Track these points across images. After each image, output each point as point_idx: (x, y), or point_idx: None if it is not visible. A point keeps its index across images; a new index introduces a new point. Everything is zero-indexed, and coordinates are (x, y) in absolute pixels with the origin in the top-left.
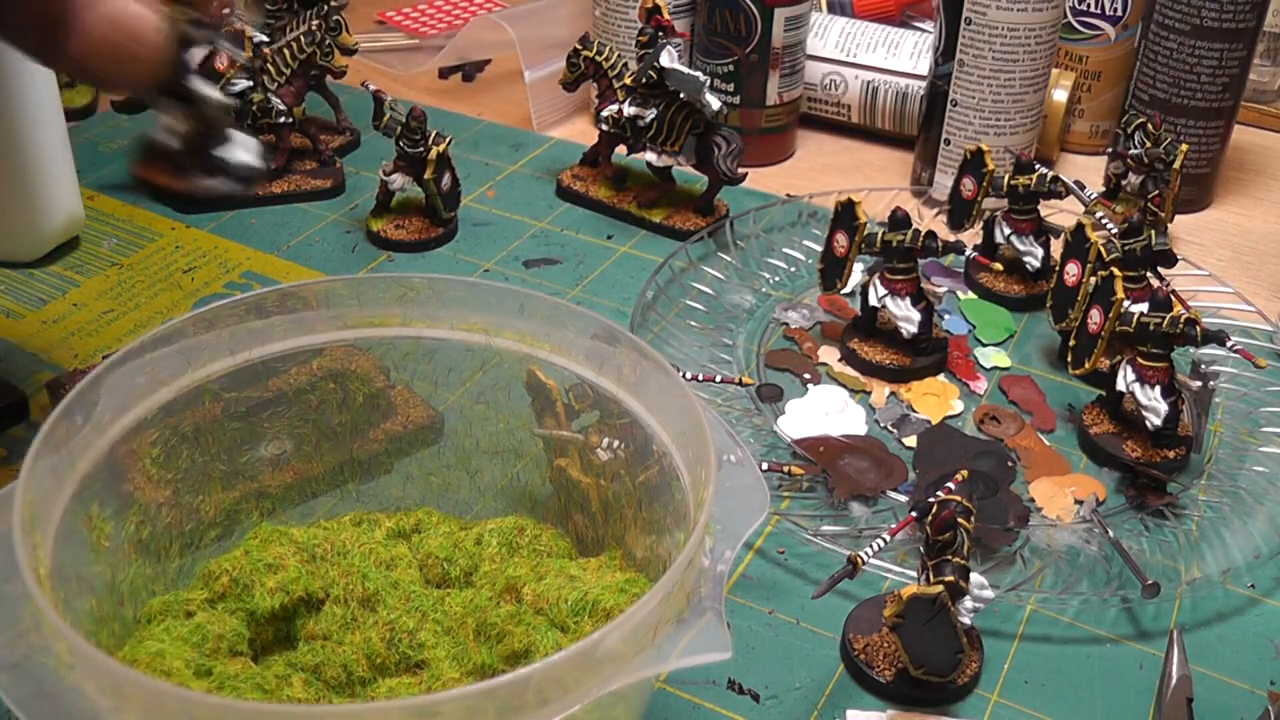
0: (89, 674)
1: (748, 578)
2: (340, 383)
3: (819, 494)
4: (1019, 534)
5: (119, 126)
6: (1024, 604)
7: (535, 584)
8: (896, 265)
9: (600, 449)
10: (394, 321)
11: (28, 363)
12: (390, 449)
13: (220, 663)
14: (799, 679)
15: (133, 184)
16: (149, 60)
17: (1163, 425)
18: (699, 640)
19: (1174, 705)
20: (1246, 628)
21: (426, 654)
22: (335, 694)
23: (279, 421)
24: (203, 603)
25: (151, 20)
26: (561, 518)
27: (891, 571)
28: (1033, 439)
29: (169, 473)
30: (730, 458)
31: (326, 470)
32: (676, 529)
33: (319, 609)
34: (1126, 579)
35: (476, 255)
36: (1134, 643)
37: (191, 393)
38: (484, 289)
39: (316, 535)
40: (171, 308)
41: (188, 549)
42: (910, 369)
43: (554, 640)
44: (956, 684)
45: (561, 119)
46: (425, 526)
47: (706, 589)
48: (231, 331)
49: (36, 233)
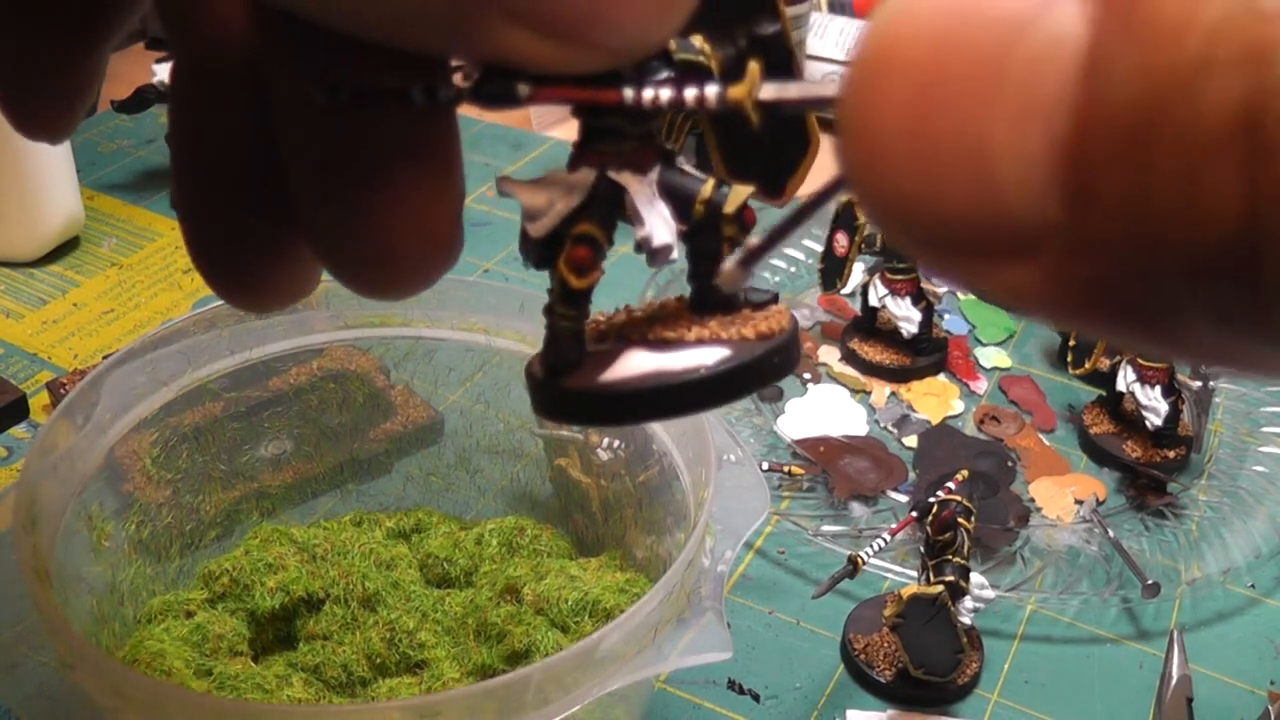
0: (89, 674)
1: (748, 578)
2: (340, 383)
3: (819, 494)
4: (1019, 534)
5: (119, 126)
6: (1024, 604)
7: (535, 584)
8: (896, 265)
9: (600, 449)
10: (394, 321)
11: (28, 363)
12: (390, 449)
13: (220, 663)
14: (799, 679)
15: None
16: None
17: (1163, 425)
18: (699, 640)
19: (1174, 705)
20: (1246, 628)
21: (426, 654)
22: (335, 694)
23: (279, 421)
24: (203, 603)
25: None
26: (561, 518)
27: (891, 571)
28: (1033, 439)
29: (169, 473)
30: (730, 458)
31: (326, 470)
32: (676, 529)
33: (319, 609)
34: (1126, 579)
35: (476, 255)
36: (1134, 643)
37: (191, 393)
38: (484, 289)
39: (316, 535)
40: (171, 308)
41: (188, 549)
42: (910, 369)
43: (554, 640)
44: (956, 684)
45: (561, 119)
46: (425, 526)
47: (706, 589)
48: (231, 331)
49: (36, 233)
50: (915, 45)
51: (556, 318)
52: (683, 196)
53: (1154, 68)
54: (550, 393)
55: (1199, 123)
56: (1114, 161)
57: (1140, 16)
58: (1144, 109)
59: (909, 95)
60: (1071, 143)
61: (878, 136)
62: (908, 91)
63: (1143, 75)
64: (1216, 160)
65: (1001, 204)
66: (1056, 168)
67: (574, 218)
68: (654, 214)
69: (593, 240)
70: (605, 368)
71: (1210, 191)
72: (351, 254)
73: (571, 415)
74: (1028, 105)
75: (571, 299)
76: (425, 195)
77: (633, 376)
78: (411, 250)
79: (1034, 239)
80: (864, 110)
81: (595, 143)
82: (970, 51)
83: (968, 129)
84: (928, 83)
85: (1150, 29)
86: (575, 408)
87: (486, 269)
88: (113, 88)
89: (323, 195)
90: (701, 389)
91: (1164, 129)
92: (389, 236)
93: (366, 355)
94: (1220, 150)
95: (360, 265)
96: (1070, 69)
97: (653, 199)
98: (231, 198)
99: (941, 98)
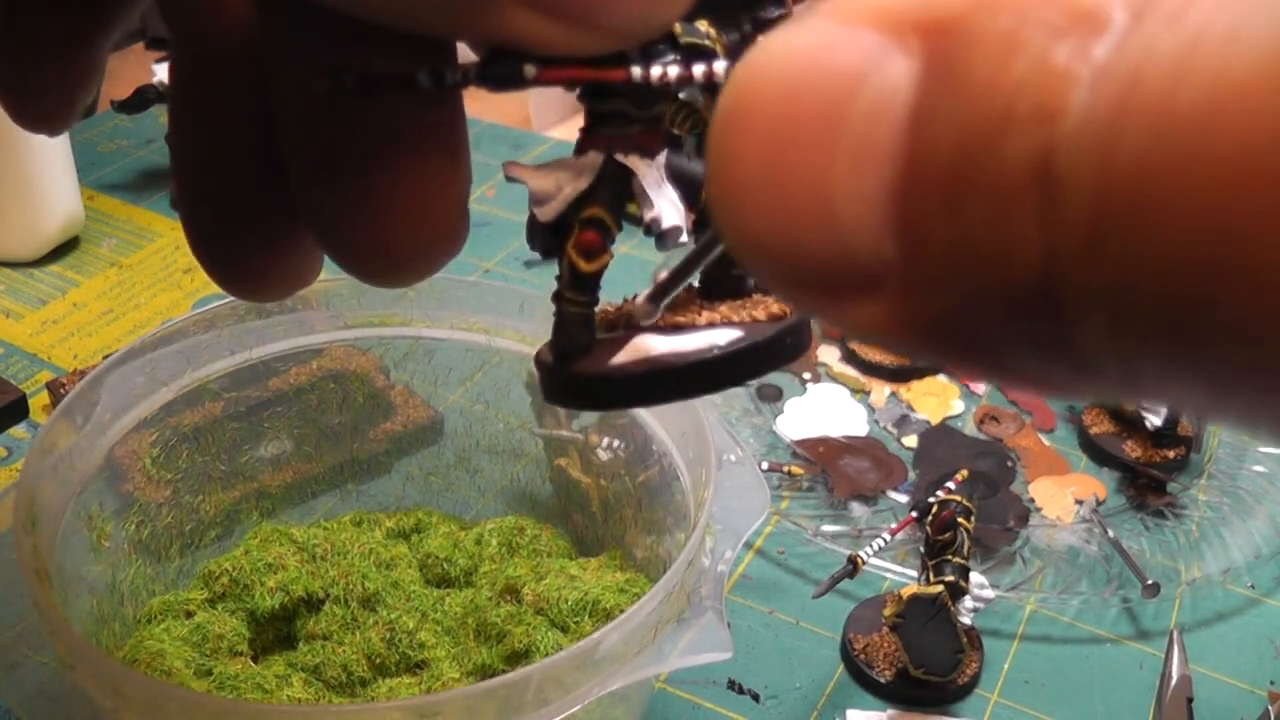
0: (89, 674)
1: (748, 578)
2: (340, 383)
3: (819, 494)
4: (1019, 534)
5: (119, 126)
6: (1024, 604)
7: (535, 584)
8: None
9: (600, 449)
10: (394, 321)
11: (28, 363)
12: (390, 449)
13: (220, 663)
14: (799, 679)
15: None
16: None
17: (1163, 425)
18: (699, 640)
19: (1174, 705)
20: (1246, 628)
21: (426, 654)
22: (335, 694)
23: (279, 421)
24: (203, 603)
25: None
26: (561, 518)
27: (891, 571)
28: (1033, 439)
29: (169, 473)
30: (730, 458)
31: (326, 470)
32: (676, 529)
33: (319, 609)
34: (1126, 579)
35: (476, 255)
36: (1134, 643)
37: (191, 393)
38: (484, 289)
39: (316, 535)
40: (171, 308)
41: (188, 549)
42: (910, 369)
43: (554, 640)
44: (956, 684)
45: (561, 119)
46: (425, 526)
47: (706, 589)
48: (231, 331)
49: (36, 233)
50: (768, 95)
51: (566, 303)
52: (690, 181)
53: (967, 122)
54: (561, 378)
55: (1003, 173)
56: (937, 206)
57: (957, 74)
58: (960, 159)
59: (762, 142)
60: (901, 188)
61: (735, 180)
62: (761, 139)
63: (959, 128)
64: (1018, 208)
65: (843, 244)
66: (889, 211)
67: (582, 201)
68: (662, 196)
69: (601, 224)
70: (616, 352)
71: (1015, 236)
72: (355, 242)
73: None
74: (864, 153)
75: (581, 283)
76: (431, 181)
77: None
78: (416, 237)
79: (874, 277)
80: (723, 155)
81: (601, 127)
82: (814, 102)
83: (813, 174)
84: (778, 131)
85: (965, 86)
86: (587, 392)
87: (487, 269)
88: (113, 88)
89: (326, 183)
90: (715, 369)
91: (976, 178)
92: (394, 224)
93: (366, 355)
94: (1020, 199)
95: (364, 253)
96: (899, 120)
97: (660, 182)
98: (232, 190)
99: (790, 145)
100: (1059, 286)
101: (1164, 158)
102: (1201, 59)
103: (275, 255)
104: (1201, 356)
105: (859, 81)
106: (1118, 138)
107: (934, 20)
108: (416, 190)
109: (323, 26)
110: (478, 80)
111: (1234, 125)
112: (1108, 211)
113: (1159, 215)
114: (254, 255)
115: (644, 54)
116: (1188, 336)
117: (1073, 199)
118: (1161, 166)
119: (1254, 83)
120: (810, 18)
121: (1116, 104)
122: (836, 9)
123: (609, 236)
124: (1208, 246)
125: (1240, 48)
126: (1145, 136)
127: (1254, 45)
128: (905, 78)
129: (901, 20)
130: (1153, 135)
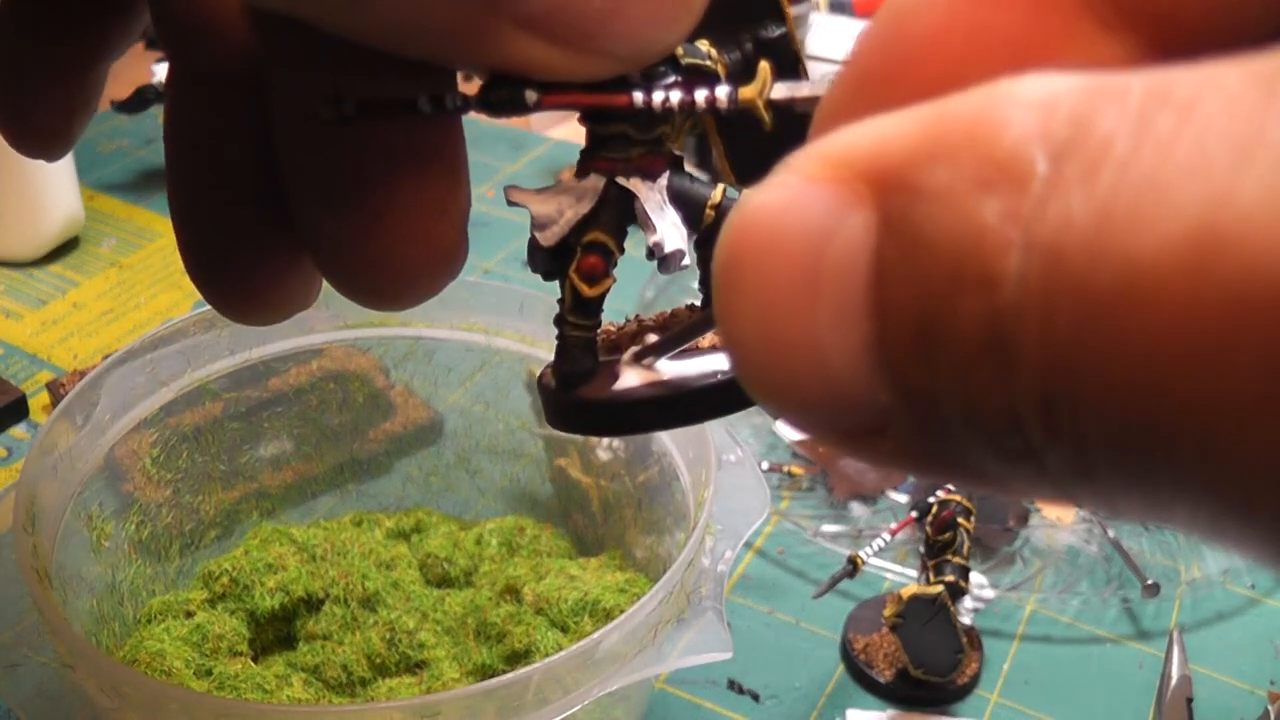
0: (89, 674)
1: (748, 578)
2: (340, 383)
3: (819, 494)
4: (1019, 534)
5: (119, 126)
6: (1024, 604)
7: (535, 584)
8: None
9: (600, 449)
10: (394, 321)
11: (27, 363)
12: (390, 449)
13: (220, 663)
14: (799, 679)
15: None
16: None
17: None
18: (699, 640)
19: (1174, 705)
20: (1246, 628)
21: (426, 654)
22: (335, 694)
23: (279, 421)
24: (203, 603)
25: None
26: (561, 518)
27: (891, 571)
28: None
29: (169, 473)
30: (730, 458)
31: (326, 470)
32: (676, 529)
33: (319, 609)
34: (1126, 579)
35: (476, 255)
36: (1134, 643)
37: (191, 393)
38: (484, 289)
39: (316, 535)
40: (171, 308)
41: (188, 549)
42: None
43: (554, 640)
44: (956, 684)
45: (561, 119)
46: (425, 526)
47: (706, 589)
48: (231, 331)
49: (36, 233)
50: (753, 254)
51: (568, 328)
52: (692, 202)
53: (923, 283)
54: (565, 404)
55: (961, 336)
56: (912, 360)
57: (907, 233)
58: (923, 320)
59: (754, 301)
60: (878, 343)
61: (740, 336)
62: (753, 297)
63: (917, 288)
64: (979, 368)
65: (843, 395)
66: (874, 363)
67: (584, 226)
68: (664, 220)
69: (603, 248)
70: (619, 377)
71: (981, 391)
72: (354, 265)
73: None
74: (841, 309)
75: (583, 308)
76: (430, 205)
77: (648, 384)
78: (415, 261)
79: (880, 421)
80: (724, 314)
81: (603, 150)
82: (791, 261)
83: (803, 329)
84: (765, 288)
85: (914, 246)
86: (591, 418)
87: (487, 269)
88: (113, 88)
89: (325, 206)
90: (718, 395)
91: (939, 337)
92: (393, 248)
93: (366, 355)
94: (979, 360)
95: (363, 277)
96: (865, 277)
97: (662, 205)
98: (228, 206)
99: (778, 302)
100: (1027, 432)
101: (1090, 338)
102: (1113, 237)
103: (271, 277)
104: (1167, 501)
105: (826, 239)
106: (1051, 312)
107: (880, 173)
108: (416, 213)
109: (325, 51)
110: (479, 106)
111: (1145, 314)
112: (1053, 380)
113: (1097, 389)
114: (250, 276)
115: (645, 77)
116: (1150, 487)
117: (1024, 363)
118: (1091, 344)
119: (1159, 270)
120: (780, 171)
121: (1045, 276)
122: (800, 162)
123: (611, 261)
124: (1140, 421)
125: (1144, 222)
126: (1073, 315)
127: (1156, 222)
128: (863, 234)
129: (854, 173)
130: (1078, 314)
